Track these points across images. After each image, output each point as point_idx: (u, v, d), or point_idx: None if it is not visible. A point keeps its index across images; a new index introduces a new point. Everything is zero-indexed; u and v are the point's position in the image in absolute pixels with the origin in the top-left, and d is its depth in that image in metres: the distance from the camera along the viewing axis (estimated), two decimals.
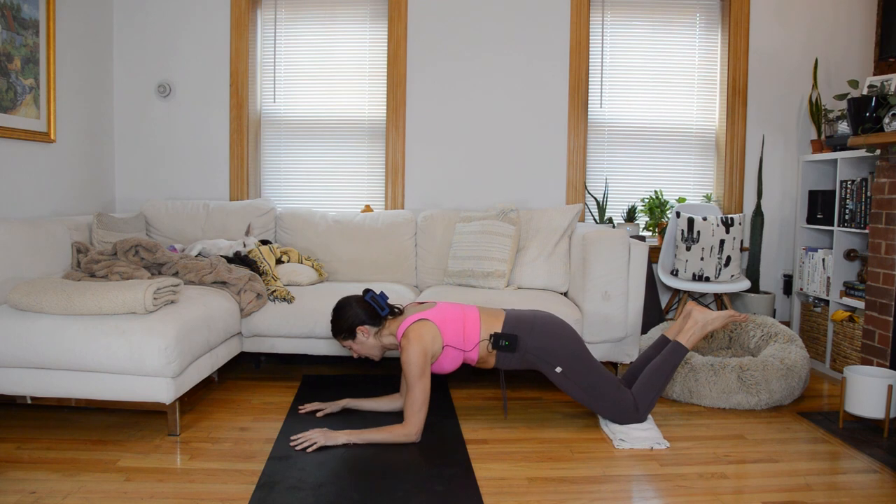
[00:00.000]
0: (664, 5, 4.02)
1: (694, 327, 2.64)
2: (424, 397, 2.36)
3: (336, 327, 2.52)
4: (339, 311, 2.52)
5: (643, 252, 3.03)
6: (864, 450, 2.42)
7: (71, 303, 2.39)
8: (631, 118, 4.06)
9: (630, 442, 2.42)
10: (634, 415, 2.53)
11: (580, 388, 2.50)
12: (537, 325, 2.50)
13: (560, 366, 2.47)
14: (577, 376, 2.48)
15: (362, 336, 2.49)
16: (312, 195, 4.10)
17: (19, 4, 3.04)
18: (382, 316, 2.51)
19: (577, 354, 2.49)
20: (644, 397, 2.53)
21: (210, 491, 2.03)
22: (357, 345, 2.52)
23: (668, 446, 2.41)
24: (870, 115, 3.16)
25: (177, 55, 3.95)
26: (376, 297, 2.51)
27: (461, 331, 2.46)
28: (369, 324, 2.49)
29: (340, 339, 2.53)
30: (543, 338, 2.48)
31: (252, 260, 3.21)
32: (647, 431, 2.49)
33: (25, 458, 2.25)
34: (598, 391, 2.50)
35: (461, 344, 2.46)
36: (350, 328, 2.48)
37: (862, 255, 3.41)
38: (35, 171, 3.24)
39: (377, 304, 2.49)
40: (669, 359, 2.59)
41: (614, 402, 2.50)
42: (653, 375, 2.56)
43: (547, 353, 2.47)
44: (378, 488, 2.05)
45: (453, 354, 2.46)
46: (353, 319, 2.48)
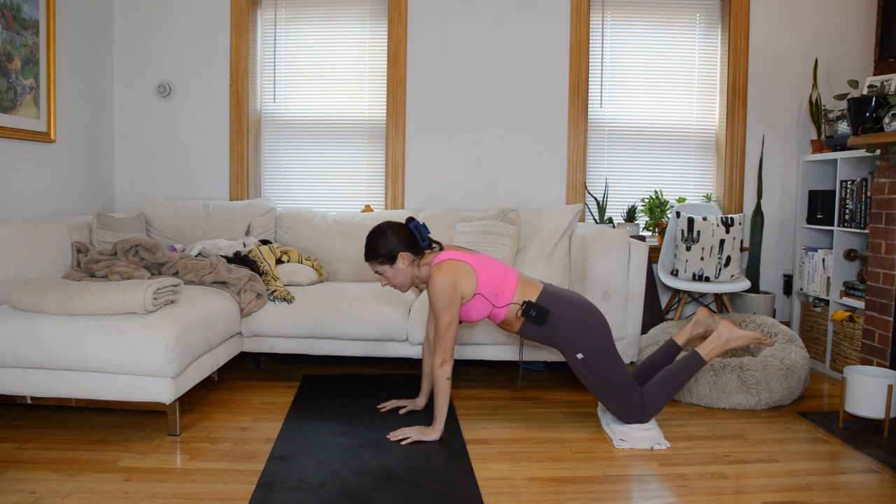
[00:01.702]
0: (664, 5, 4.02)
1: (717, 341, 2.61)
2: (447, 325, 2.33)
3: (375, 251, 2.41)
4: (378, 235, 2.42)
5: (643, 252, 3.03)
6: (864, 450, 2.42)
7: (71, 303, 2.39)
8: (631, 118, 4.06)
9: (630, 442, 2.42)
10: (639, 416, 2.52)
11: (595, 379, 2.49)
12: (572, 307, 2.49)
13: (583, 353, 2.46)
14: (597, 367, 2.47)
15: (402, 263, 2.41)
16: (312, 195, 4.10)
17: (19, 4, 3.04)
18: (422, 247, 2.45)
19: (603, 346, 2.48)
20: (652, 401, 2.53)
21: (210, 491, 2.03)
22: (393, 271, 2.43)
23: (669, 447, 2.41)
24: (870, 115, 3.16)
25: (177, 55, 3.95)
26: (419, 226, 2.45)
27: (497, 285, 2.44)
28: (411, 252, 2.41)
29: (377, 264, 2.43)
30: (574, 322, 2.46)
31: (252, 260, 3.21)
32: (648, 432, 2.49)
33: (25, 458, 2.25)
34: (613, 386, 2.50)
35: (493, 298, 2.43)
36: (391, 253, 2.39)
37: (862, 255, 3.41)
38: (35, 171, 3.24)
39: (419, 234, 2.44)
40: (686, 369, 2.57)
41: (625, 399, 2.50)
42: (665, 382, 2.56)
43: (574, 337, 2.46)
44: (378, 488, 2.05)
45: (481, 304, 2.43)
46: (395, 245, 2.39)
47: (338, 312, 3.00)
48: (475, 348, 3.05)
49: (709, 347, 2.60)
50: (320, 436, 2.47)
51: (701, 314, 2.77)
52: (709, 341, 2.62)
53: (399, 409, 2.74)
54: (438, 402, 2.42)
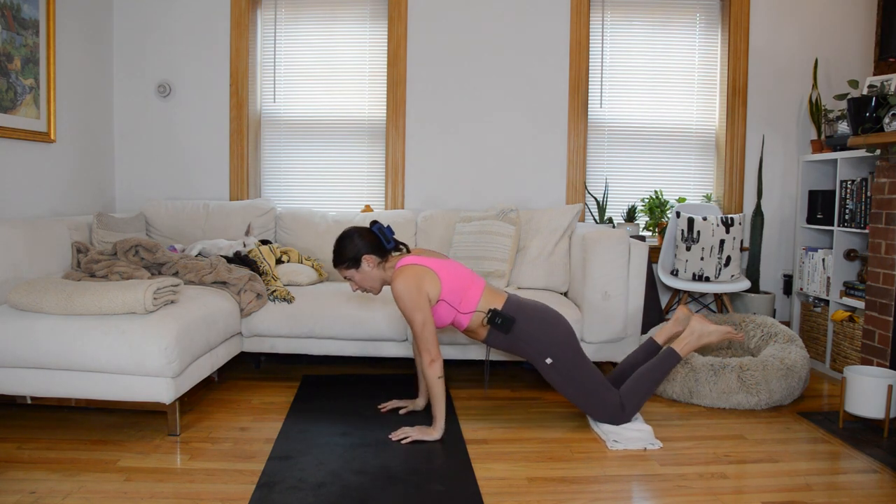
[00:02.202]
0: (664, 5, 4.02)
1: (690, 337, 2.63)
2: (422, 325, 2.34)
3: (340, 256, 2.44)
4: (344, 239, 2.44)
5: (643, 252, 3.03)
6: (864, 450, 2.42)
7: (71, 303, 2.39)
8: (631, 118, 4.06)
9: (623, 443, 2.42)
10: (620, 414, 2.52)
11: (568, 383, 2.50)
12: (537, 315, 2.50)
13: (551, 357, 2.47)
14: (567, 371, 2.48)
15: (367, 266, 2.43)
16: (312, 195, 4.10)
17: (19, 4, 3.04)
18: (388, 249, 2.46)
19: (569, 351, 2.49)
20: (631, 399, 2.53)
21: (210, 491, 2.03)
22: (360, 275, 2.45)
23: (661, 446, 2.41)
24: (870, 115, 3.16)
25: (177, 55, 3.95)
26: (383, 228, 2.46)
27: (462, 292, 2.45)
28: (375, 254, 2.43)
29: (343, 269, 2.45)
30: (539, 328, 2.48)
31: (252, 260, 3.21)
32: (639, 432, 2.49)
33: (25, 458, 2.25)
34: (586, 388, 2.50)
35: (457, 304, 2.44)
36: (356, 257, 2.41)
37: (862, 255, 3.41)
38: (35, 171, 3.24)
39: (384, 237, 2.45)
40: (662, 365, 2.59)
41: (601, 400, 2.50)
42: (643, 379, 2.56)
43: (540, 343, 2.47)
44: (378, 488, 2.05)
45: (445, 310, 2.44)
46: (359, 248, 2.41)
47: (338, 312, 3.00)
48: (475, 349, 3.05)
49: (683, 343, 2.62)
50: (320, 436, 2.47)
51: (681, 312, 2.77)
52: (682, 337, 2.64)
53: (399, 409, 2.74)
54: (435, 401, 2.42)
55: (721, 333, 2.65)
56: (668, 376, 2.95)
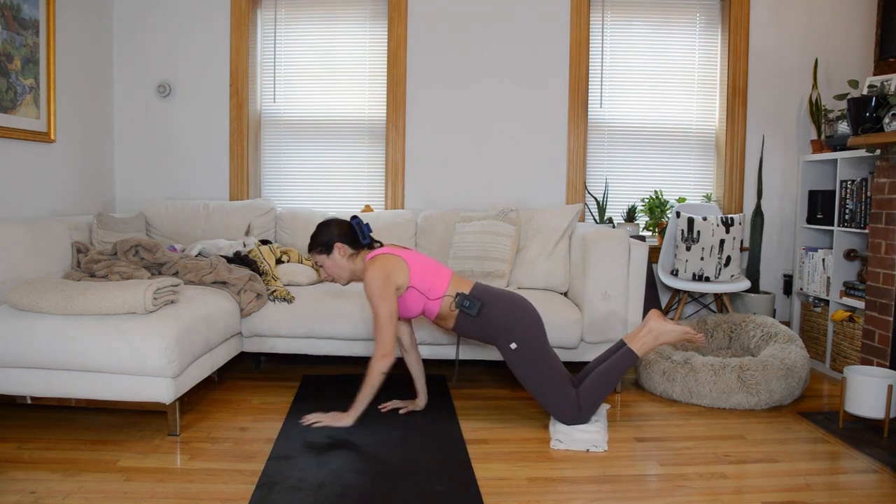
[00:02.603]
0: (664, 5, 4.02)
1: (647, 336, 2.60)
2: (386, 318, 2.37)
3: (315, 240, 2.51)
4: (322, 226, 2.52)
5: (643, 252, 3.03)
6: (864, 450, 2.42)
7: (71, 303, 2.39)
8: (631, 118, 4.06)
9: (566, 443, 2.40)
10: (577, 413, 2.51)
11: (529, 372, 2.50)
12: (504, 300, 2.53)
13: (516, 342, 2.48)
14: (530, 358, 2.49)
15: (338, 254, 2.48)
16: (312, 195, 4.10)
17: (19, 4, 3.04)
18: (362, 244, 2.52)
19: (536, 339, 2.50)
20: (588, 398, 2.52)
21: (210, 491, 2.03)
22: (329, 261, 2.50)
23: (606, 450, 2.39)
24: (870, 115, 3.16)
25: (177, 55, 3.95)
26: (361, 224, 2.53)
27: (430, 278, 2.49)
28: (349, 245, 2.49)
29: (315, 254, 2.51)
30: (507, 312, 2.50)
31: (252, 260, 3.21)
32: (588, 434, 2.47)
33: (25, 458, 2.25)
34: (546, 382, 2.50)
35: (426, 291, 2.48)
36: (328, 243, 2.48)
37: (862, 255, 3.41)
38: (35, 171, 3.24)
39: (360, 231, 2.51)
40: (618, 364, 2.58)
41: (559, 397, 2.49)
42: (600, 379, 2.55)
43: (507, 328, 2.49)
44: (378, 488, 2.05)
45: (415, 297, 2.48)
46: (333, 235, 2.48)
47: (338, 312, 3.00)
48: (473, 349, 3.05)
49: (640, 342, 2.60)
50: (320, 436, 2.47)
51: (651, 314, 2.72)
52: (639, 336, 2.61)
53: (399, 409, 2.75)
54: (365, 391, 2.42)
55: (679, 334, 2.61)
56: (668, 376, 2.95)
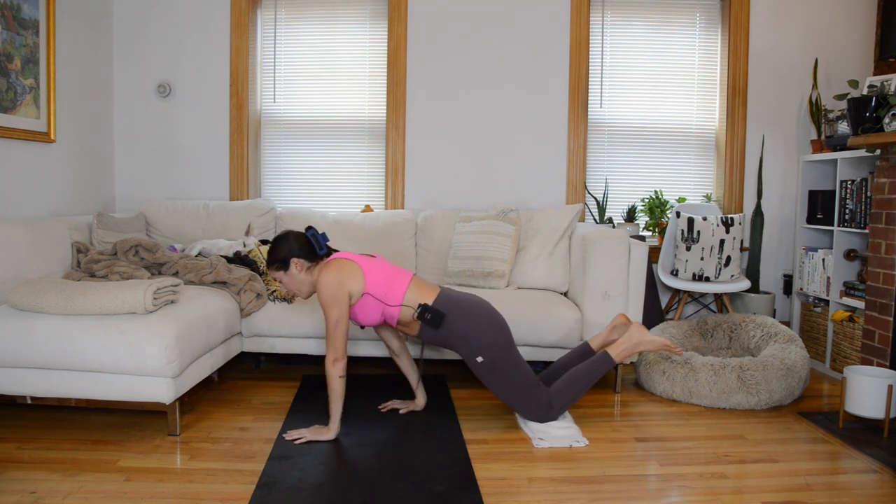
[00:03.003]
0: (664, 5, 4.02)
1: (628, 343, 2.63)
2: (335, 322, 2.35)
3: (272, 256, 2.46)
4: (278, 241, 2.46)
5: (643, 252, 3.03)
6: (864, 450, 2.42)
7: (71, 303, 2.39)
8: (631, 118, 4.06)
9: (549, 440, 2.42)
10: (548, 413, 2.53)
11: (498, 382, 2.50)
12: (469, 311, 2.49)
13: (482, 356, 2.47)
14: (498, 370, 2.48)
15: (295, 269, 2.43)
16: (312, 195, 4.10)
17: (19, 4, 3.04)
18: (319, 254, 2.48)
19: (502, 349, 2.48)
20: (560, 399, 2.53)
21: (210, 491, 2.03)
22: (288, 277, 2.45)
23: (587, 444, 2.42)
24: (870, 115, 3.16)
25: (177, 55, 3.95)
26: (317, 235, 2.48)
27: (386, 285, 2.45)
28: (305, 259, 2.45)
29: (273, 270, 2.47)
30: (471, 325, 2.47)
31: (252, 260, 3.21)
32: (564, 430, 2.50)
33: (25, 458, 2.25)
34: (516, 388, 2.50)
35: (383, 297, 2.44)
36: (285, 259, 2.43)
37: (862, 255, 3.41)
38: (35, 171, 3.24)
39: (317, 242, 2.47)
40: (595, 368, 2.58)
41: (529, 399, 2.51)
42: (575, 380, 2.56)
43: (472, 341, 2.47)
44: (378, 488, 2.05)
45: (372, 304, 2.44)
46: (289, 251, 2.42)
47: None
48: None
49: (620, 349, 2.62)
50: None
51: (618, 320, 2.75)
52: (620, 342, 2.64)
53: (398, 409, 2.75)
54: (333, 400, 2.40)
55: (658, 345, 2.65)
56: (668, 376, 2.95)
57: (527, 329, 2.95)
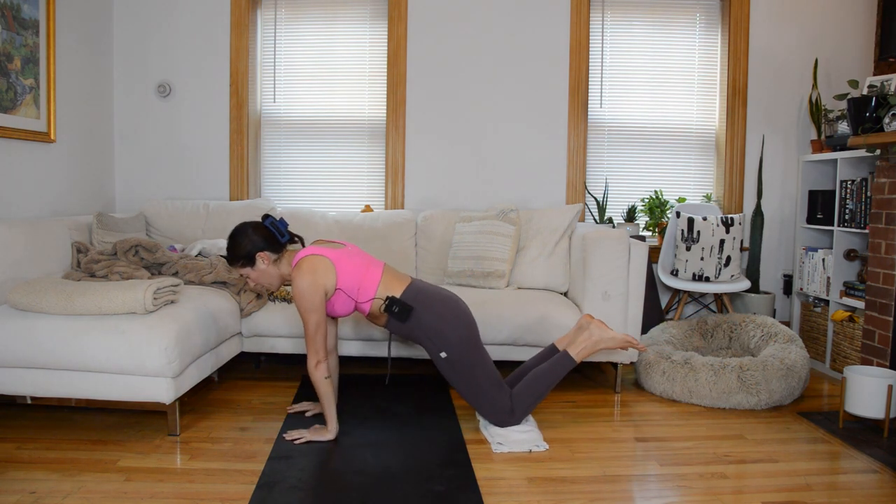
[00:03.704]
0: (664, 5, 4.02)
1: (587, 342, 2.56)
2: (315, 328, 2.30)
3: (233, 254, 2.36)
4: (236, 236, 2.36)
5: (643, 252, 3.03)
6: (864, 450, 2.42)
7: (71, 303, 2.39)
8: (631, 118, 4.06)
9: (508, 445, 2.38)
10: (508, 417, 2.47)
11: (460, 379, 2.44)
12: (437, 304, 2.43)
13: (446, 352, 2.41)
14: (461, 367, 2.42)
15: (262, 263, 2.36)
16: (312, 195, 4.10)
17: (19, 4, 3.04)
18: (282, 243, 2.41)
19: (468, 345, 2.42)
20: (521, 402, 2.48)
21: (210, 491, 2.03)
22: (256, 273, 2.38)
23: (547, 448, 2.38)
24: (870, 115, 3.16)
25: (177, 55, 3.95)
26: (276, 222, 2.39)
27: (358, 281, 2.38)
28: (269, 250, 2.37)
29: (238, 267, 2.39)
30: (438, 319, 2.41)
31: None
32: (525, 434, 2.45)
33: (25, 458, 2.25)
34: (478, 387, 2.44)
35: (354, 293, 2.38)
36: (249, 255, 2.34)
37: (862, 255, 3.41)
38: (35, 171, 3.24)
39: (277, 231, 2.39)
40: (555, 368, 2.53)
41: (491, 400, 2.45)
42: (535, 382, 2.51)
43: (437, 335, 2.41)
44: (378, 488, 2.05)
45: (343, 300, 2.38)
46: (252, 245, 2.34)
47: None
48: None
49: (579, 348, 2.55)
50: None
51: (584, 320, 2.64)
52: (579, 342, 2.56)
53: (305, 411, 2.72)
54: (323, 402, 2.39)
55: (619, 340, 2.57)
56: (668, 376, 2.95)
57: (526, 329, 2.94)
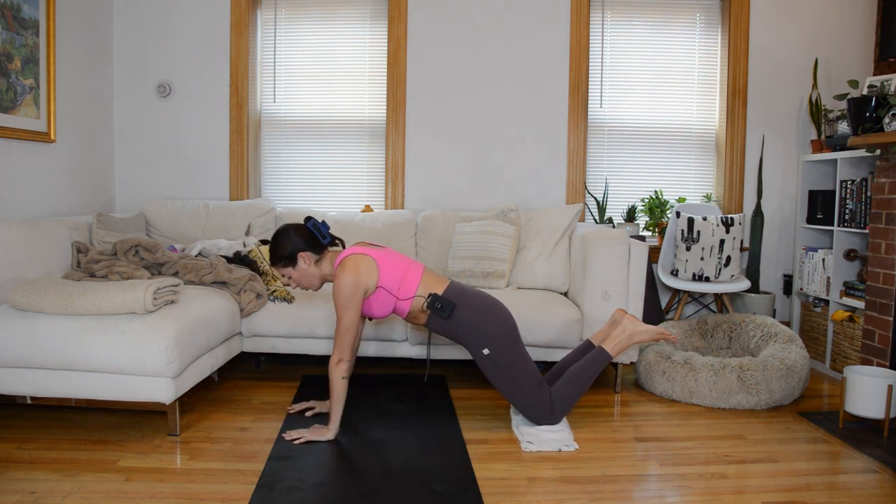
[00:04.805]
0: (664, 5, 4.02)
1: (621, 336, 2.59)
2: (347, 326, 2.33)
3: (276, 254, 2.42)
4: (279, 237, 2.42)
5: (643, 252, 3.03)
6: (864, 450, 2.42)
7: (71, 303, 2.39)
8: (631, 118, 4.06)
9: (538, 444, 2.39)
10: (549, 416, 2.50)
11: (502, 378, 2.47)
12: (478, 302, 2.48)
13: (489, 348, 2.44)
14: (503, 365, 2.45)
15: (303, 263, 2.41)
16: (312, 195, 4.10)
17: (19, 4, 3.04)
18: (324, 244, 2.45)
19: (509, 343, 2.46)
20: (561, 400, 2.50)
21: (210, 491, 2.03)
22: (297, 273, 2.43)
23: (577, 448, 2.39)
24: (870, 115, 3.16)
25: (177, 55, 3.95)
26: (318, 224, 2.44)
27: (400, 279, 2.43)
28: (311, 251, 2.42)
29: (280, 267, 2.44)
30: (480, 316, 2.45)
31: (252, 260, 3.21)
32: (556, 433, 2.46)
33: (25, 458, 2.25)
34: (520, 385, 2.47)
35: (396, 290, 2.42)
36: (291, 255, 2.40)
37: (862, 255, 3.41)
38: (35, 171, 3.24)
39: (319, 232, 2.43)
40: (591, 365, 2.55)
41: (533, 399, 2.47)
42: (573, 379, 2.53)
43: (479, 332, 2.44)
44: (378, 488, 2.05)
45: (384, 298, 2.42)
46: (295, 245, 2.40)
47: None
48: None
49: (614, 342, 2.58)
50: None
51: (617, 314, 2.69)
52: (613, 336, 2.60)
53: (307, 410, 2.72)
54: (334, 401, 2.39)
55: (653, 333, 2.60)
56: (668, 376, 2.95)
57: (527, 329, 2.94)
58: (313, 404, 2.74)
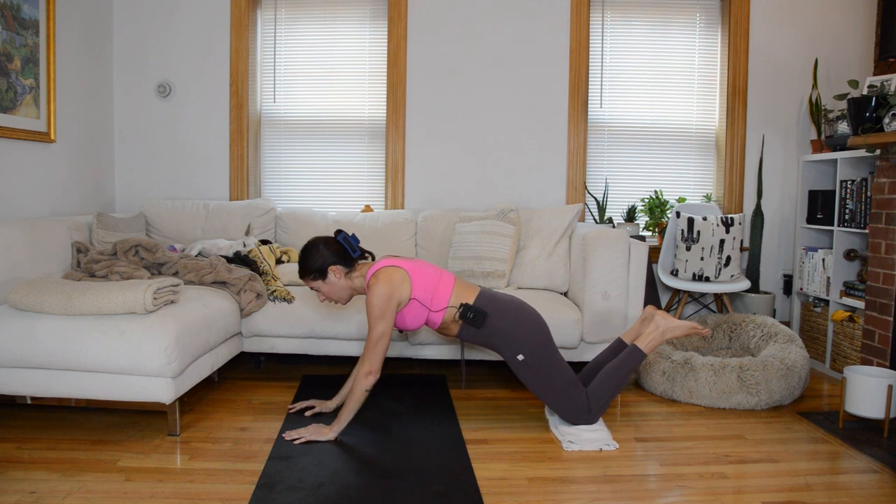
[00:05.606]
0: (664, 5, 4.02)
1: (654, 332, 2.58)
2: (380, 336, 2.32)
3: (306, 267, 2.41)
4: (309, 250, 2.41)
5: (643, 252, 3.03)
6: (864, 450, 2.42)
7: (71, 303, 2.39)
8: (631, 118, 4.06)
9: (579, 444, 2.40)
10: (586, 415, 2.50)
11: (538, 381, 2.48)
12: (510, 309, 2.48)
13: (523, 354, 2.45)
14: (538, 369, 2.46)
15: (333, 277, 2.41)
16: (312, 195, 4.10)
17: (19, 4, 3.04)
18: (354, 258, 2.45)
19: (542, 347, 2.46)
20: (598, 399, 2.51)
21: (210, 491, 2.03)
22: (327, 286, 2.43)
23: (617, 447, 2.40)
24: (870, 115, 3.16)
25: (177, 55, 3.95)
26: (348, 238, 2.44)
27: (432, 290, 2.43)
28: (341, 265, 2.42)
29: (310, 280, 2.43)
30: (512, 323, 2.46)
31: (252, 260, 3.21)
32: (595, 433, 2.47)
33: (25, 458, 2.25)
34: (556, 388, 2.48)
35: (428, 302, 2.42)
36: (321, 268, 2.39)
37: (862, 255, 3.41)
38: (35, 171, 3.24)
39: (349, 246, 2.43)
40: (626, 362, 2.55)
41: (569, 400, 2.48)
42: (609, 378, 2.53)
43: (512, 338, 2.45)
44: (378, 488, 2.05)
45: (417, 310, 2.42)
46: (325, 259, 2.39)
47: (338, 312, 3.00)
48: (473, 350, 3.05)
49: (647, 339, 2.57)
50: None
51: (648, 311, 2.68)
52: (646, 333, 2.59)
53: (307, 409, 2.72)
54: (349, 405, 2.39)
55: (686, 328, 2.60)
56: (668, 376, 2.95)
57: None
58: (313, 403, 2.74)
